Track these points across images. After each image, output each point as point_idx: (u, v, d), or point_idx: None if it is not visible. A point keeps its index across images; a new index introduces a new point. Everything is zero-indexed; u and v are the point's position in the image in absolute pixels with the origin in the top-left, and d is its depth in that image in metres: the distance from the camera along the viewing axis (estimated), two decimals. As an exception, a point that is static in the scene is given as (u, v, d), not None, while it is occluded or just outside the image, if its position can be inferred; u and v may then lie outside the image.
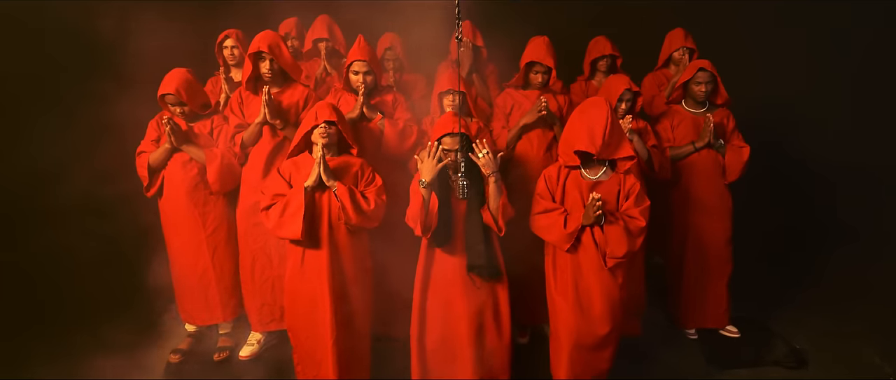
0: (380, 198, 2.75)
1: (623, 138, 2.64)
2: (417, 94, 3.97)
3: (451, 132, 2.62)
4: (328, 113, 2.67)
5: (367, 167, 2.80)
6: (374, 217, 2.74)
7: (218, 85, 3.89)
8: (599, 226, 2.60)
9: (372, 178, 2.79)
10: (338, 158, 2.76)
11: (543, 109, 3.05)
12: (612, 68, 4.05)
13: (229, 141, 3.11)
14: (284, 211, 2.60)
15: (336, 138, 2.73)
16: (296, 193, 2.61)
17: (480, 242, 2.66)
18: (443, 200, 2.67)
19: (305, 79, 3.99)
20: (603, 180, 2.68)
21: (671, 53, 4.03)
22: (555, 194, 2.74)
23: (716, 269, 3.48)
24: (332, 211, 2.68)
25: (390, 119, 3.09)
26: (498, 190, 2.60)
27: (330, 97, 3.18)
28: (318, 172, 2.59)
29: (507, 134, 3.20)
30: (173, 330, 3.60)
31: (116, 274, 3.76)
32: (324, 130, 2.65)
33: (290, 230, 2.59)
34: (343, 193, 2.63)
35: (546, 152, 3.21)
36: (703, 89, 3.32)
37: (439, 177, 2.68)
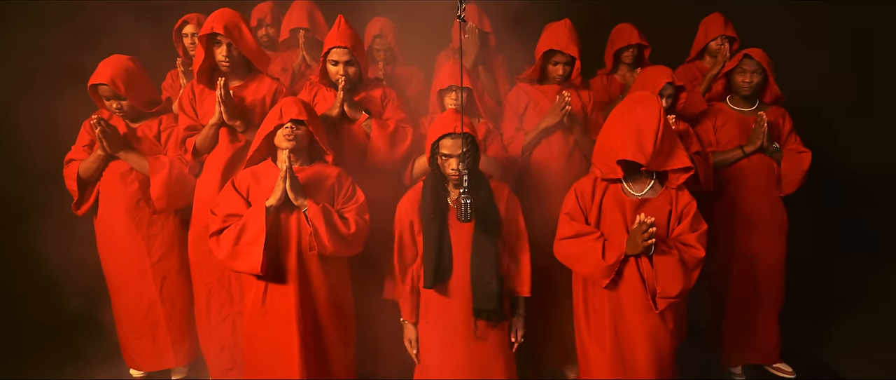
0: (362, 218, 2.17)
1: (676, 145, 2.07)
2: (413, 90, 3.38)
3: (453, 133, 2.04)
4: (296, 110, 2.08)
5: (345, 179, 2.22)
6: (356, 242, 2.16)
7: (178, 81, 3.29)
8: (648, 256, 2.02)
9: (352, 192, 2.21)
10: (309, 168, 2.18)
11: (567, 107, 2.47)
12: (638, 60, 3.50)
13: (179, 147, 2.52)
14: (240, 237, 2.01)
15: (306, 142, 2.14)
16: (255, 214, 2.02)
17: (493, 280, 2.08)
18: (437, 223, 2.10)
19: (282, 73, 3.41)
20: (650, 198, 2.10)
21: (707, 43, 3.47)
22: (588, 215, 2.16)
23: (766, 296, 2.91)
24: (303, 236, 2.09)
25: (378, 119, 2.50)
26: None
27: (304, 92, 2.59)
28: (284, 187, 2.01)
29: (522, 137, 2.61)
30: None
31: (45, 306, 3.13)
32: (290, 132, 2.06)
33: (247, 262, 2.00)
34: (316, 214, 2.04)
35: (567, 159, 2.63)
36: (748, 80, 2.76)
37: (433, 193, 2.11)
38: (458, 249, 2.15)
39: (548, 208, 2.59)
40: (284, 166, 2.00)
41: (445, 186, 2.17)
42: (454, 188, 2.17)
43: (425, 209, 2.15)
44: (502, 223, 2.19)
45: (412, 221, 2.20)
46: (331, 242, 2.06)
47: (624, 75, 3.52)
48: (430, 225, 2.13)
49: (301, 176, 2.11)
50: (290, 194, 2.02)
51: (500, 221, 2.18)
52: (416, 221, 2.19)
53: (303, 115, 2.09)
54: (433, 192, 2.14)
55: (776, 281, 2.90)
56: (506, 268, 2.21)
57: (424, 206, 2.16)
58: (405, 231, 2.21)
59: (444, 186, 2.16)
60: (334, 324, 2.23)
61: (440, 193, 2.14)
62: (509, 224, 2.23)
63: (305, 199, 2.05)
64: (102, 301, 2.70)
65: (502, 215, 2.19)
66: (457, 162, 2.05)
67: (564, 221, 2.16)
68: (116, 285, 2.64)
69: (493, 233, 2.13)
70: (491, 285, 2.09)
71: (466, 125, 2.03)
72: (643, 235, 1.92)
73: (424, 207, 2.16)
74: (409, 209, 2.21)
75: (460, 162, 2.03)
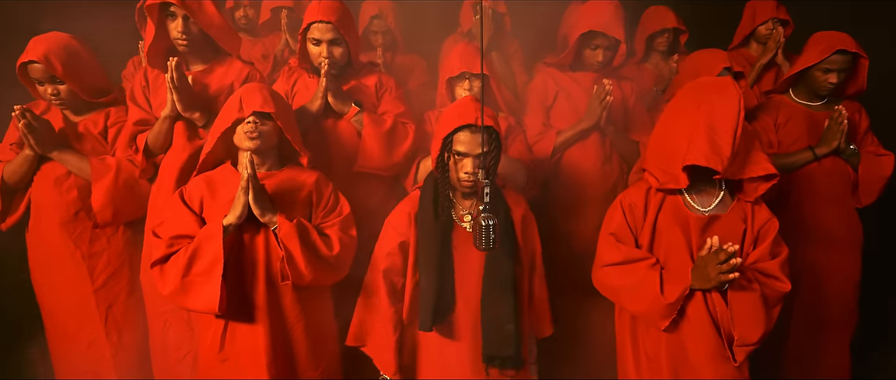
0: (347, 234, 1.71)
1: (753, 146, 1.60)
2: (414, 82, 2.91)
3: (473, 125, 1.57)
4: (260, 100, 1.62)
5: (325, 185, 1.76)
6: (340, 265, 1.71)
7: (142, 68, 2.82)
8: (721, 292, 1.56)
9: (334, 202, 1.75)
10: (278, 174, 1.71)
11: (608, 98, 1.99)
12: (673, 47, 3.02)
13: (129, 146, 2.05)
14: (190, 266, 1.54)
15: (274, 141, 1.69)
16: (209, 236, 1.55)
17: (510, 319, 1.62)
18: (438, 244, 1.64)
19: (262, 61, 2.94)
20: (720, 214, 1.63)
21: (755, 28, 2.98)
22: (639, 235, 1.69)
23: (836, 321, 2.43)
24: (273, 262, 1.63)
25: (372, 113, 2.03)
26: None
27: (281, 80, 2.11)
28: (245, 199, 1.54)
29: (553, 136, 2.13)
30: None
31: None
32: (253, 128, 1.60)
33: (201, 299, 1.54)
34: (288, 232, 1.57)
35: (605, 165, 2.16)
36: (834, 81, 2.26)
37: (434, 204, 1.65)
38: (465, 278, 1.68)
39: (579, 224, 2.13)
40: (246, 173, 1.53)
41: (450, 194, 1.70)
42: (462, 198, 1.70)
43: (423, 225, 1.68)
44: (520, 247, 1.72)
45: (406, 241, 1.72)
46: (309, 267, 1.60)
47: (657, 64, 3.05)
48: (428, 247, 1.66)
49: (268, 184, 1.65)
50: (253, 209, 1.55)
51: (517, 244, 1.71)
52: (411, 241, 1.71)
53: (269, 106, 1.62)
54: (434, 202, 1.67)
55: (849, 303, 2.44)
56: (525, 303, 1.75)
57: (422, 221, 1.69)
58: (395, 255, 1.73)
59: (448, 194, 1.69)
60: (314, 367, 1.76)
61: (443, 203, 1.67)
62: (527, 247, 1.76)
63: (274, 214, 1.59)
64: (35, 335, 2.23)
65: (520, 236, 1.72)
66: (473, 164, 1.58)
67: (608, 243, 1.69)
68: (51, 314, 2.17)
69: (510, 259, 1.67)
70: (507, 326, 1.63)
71: (489, 116, 1.57)
72: (719, 267, 1.45)
73: (422, 223, 1.69)
74: (404, 226, 1.73)
75: (479, 165, 1.56)
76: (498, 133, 1.61)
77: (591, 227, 2.14)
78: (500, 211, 1.66)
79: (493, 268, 1.66)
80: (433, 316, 1.64)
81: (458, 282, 1.69)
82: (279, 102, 1.68)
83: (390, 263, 1.73)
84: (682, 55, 2.87)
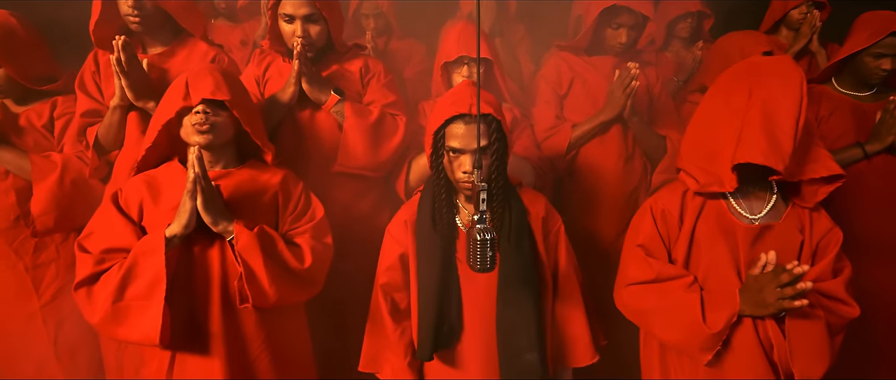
0: (321, 242, 1.45)
1: (813, 141, 1.31)
2: (411, 69, 2.63)
3: (467, 116, 1.29)
4: (210, 85, 1.34)
5: (294, 185, 1.49)
6: (312, 279, 1.44)
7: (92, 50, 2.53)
8: (777, 319, 1.27)
9: (305, 205, 1.48)
10: (237, 173, 1.44)
11: (634, 83, 1.71)
12: (697, 33, 2.74)
13: (78, 140, 1.78)
14: (125, 288, 1.27)
15: (230, 135, 1.41)
16: (148, 250, 1.27)
17: (531, 347, 1.34)
18: (439, 258, 1.37)
19: (242, 47, 2.66)
20: (773, 223, 1.34)
21: (787, 12, 2.68)
22: (672, 247, 1.40)
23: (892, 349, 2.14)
24: (230, 280, 1.35)
25: (356, 103, 1.74)
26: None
27: (252, 64, 1.83)
28: (192, 205, 1.26)
29: (568, 130, 1.85)
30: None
31: None
32: (202, 120, 1.33)
33: (138, 328, 1.26)
34: (248, 244, 1.30)
35: (626, 164, 1.87)
36: (888, 67, 1.96)
37: (434, 212, 1.38)
38: (473, 298, 1.41)
39: (596, 232, 1.85)
40: (192, 172, 1.25)
41: (453, 199, 1.43)
42: (468, 202, 1.43)
43: (421, 235, 1.41)
44: (543, 256, 1.44)
45: (406, 253, 1.45)
46: (274, 285, 1.32)
47: (677, 52, 2.76)
48: (427, 260, 1.39)
49: (224, 186, 1.37)
50: (203, 216, 1.28)
51: (537, 254, 1.43)
52: (410, 253, 1.44)
53: (222, 92, 1.34)
54: (433, 209, 1.39)
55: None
56: (550, 326, 1.46)
57: (420, 230, 1.42)
58: (395, 270, 1.46)
59: (450, 199, 1.41)
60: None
61: (445, 211, 1.39)
62: (550, 256, 1.48)
63: (230, 221, 1.31)
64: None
65: (541, 244, 1.44)
66: (472, 162, 1.30)
67: (635, 256, 1.40)
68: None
69: (529, 273, 1.39)
70: (528, 356, 1.35)
71: (489, 104, 1.29)
72: (781, 292, 1.17)
73: (420, 232, 1.42)
74: (401, 235, 1.46)
75: (477, 162, 1.28)
76: (500, 123, 1.32)
77: (609, 234, 1.86)
78: (509, 215, 1.38)
79: (509, 285, 1.38)
80: (433, 342, 1.37)
81: (465, 302, 1.41)
82: (235, 87, 1.40)
83: (390, 278, 1.46)
84: (706, 43, 2.59)
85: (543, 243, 1.44)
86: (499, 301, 1.38)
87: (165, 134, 1.38)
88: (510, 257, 1.36)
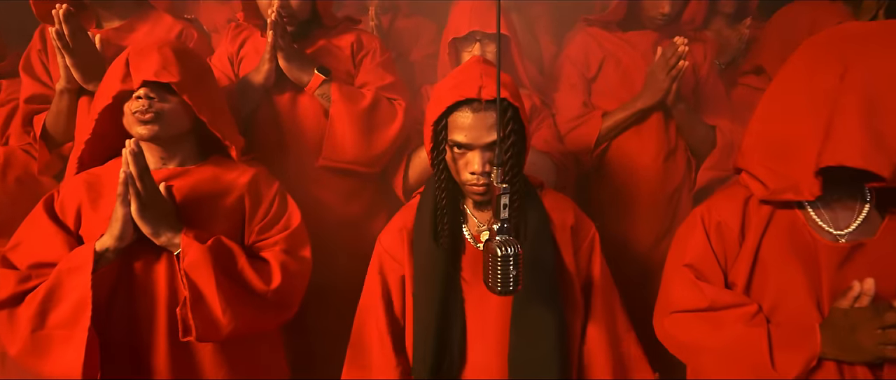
0: (296, 257, 1.20)
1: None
2: (419, 52, 2.35)
3: (475, 101, 1.01)
4: (155, 63, 1.10)
5: (266, 186, 1.24)
6: (283, 302, 1.19)
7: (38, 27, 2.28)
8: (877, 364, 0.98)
9: (279, 211, 1.23)
10: (196, 171, 1.19)
11: (683, 63, 1.41)
12: (743, 9, 2.40)
13: (24, 131, 1.54)
14: (45, 313, 1.02)
15: (185, 125, 1.16)
16: (74, 267, 1.02)
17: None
18: (440, 274, 1.10)
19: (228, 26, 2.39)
20: (865, 240, 1.04)
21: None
22: (729, 268, 1.11)
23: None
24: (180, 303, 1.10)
25: (345, 85, 1.47)
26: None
27: (226, 40, 1.56)
28: (125, 213, 1.01)
29: (598, 119, 1.56)
30: None
31: None
32: (145, 107, 1.07)
33: (60, 363, 1.02)
34: (196, 260, 1.04)
35: (667, 161, 1.58)
36: None
37: (434, 219, 1.11)
38: (481, 324, 1.14)
39: (630, 242, 1.57)
40: (123, 173, 1.00)
41: (459, 204, 1.16)
42: (477, 208, 1.16)
43: (419, 248, 1.15)
44: (572, 273, 1.17)
45: (401, 269, 1.19)
46: (229, 312, 1.06)
47: (719, 31, 2.43)
48: (424, 278, 1.13)
49: (178, 187, 1.12)
50: (140, 225, 1.03)
51: (565, 272, 1.16)
52: (407, 269, 1.17)
53: (169, 73, 1.09)
54: (434, 217, 1.13)
55: None
56: (576, 357, 1.19)
57: (418, 241, 1.15)
58: (393, 286, 1.19)
59: (455, 205, 1.15)
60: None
61: (448, 219, 1.12)
62: (582, 272, 1.20)
63: (177, 232, 1.06)
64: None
65: (570, 258, 1.17)
66: (482, 160, 1.03)
67: (683, 279, 1.12)
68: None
69: (551, 296, 1.12)
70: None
71: (505, 86, 1.01)
72: (884, 335, 0.89)
73: (418, 244, 1.15)
74: (396, 247, 1.19)
75: (492, 160, 1.02)
76: (518, 110, 1.04)
77: (644, 244, 1.57)
78: (528, 224, 1.11)
79: (526, 311, 1.11)
80: (430, 369, 1.11)
81: (471, 331, 1.14)
82: (189, 67, 1.14)
83: (386, 299, 1.20)
84: (755, 20, 2.26)
85: (574, 257, 1.17)
86: (513, 332, 1.11)
87: (112, 123, 1.13)
88: (527, 277, 1.09)
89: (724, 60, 2.28)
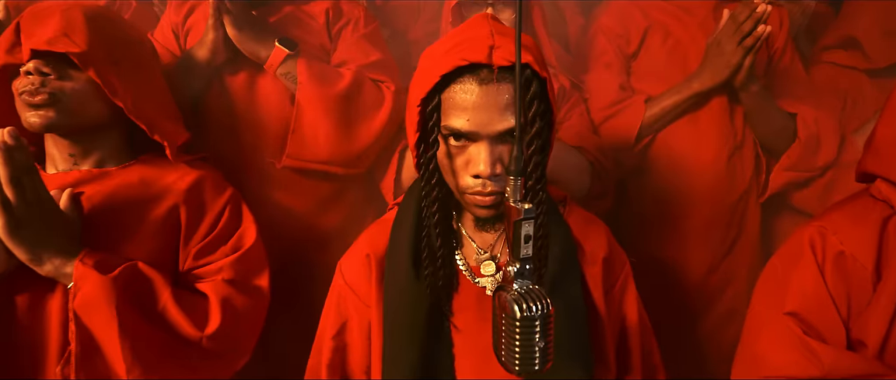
0: (245, 289, 0.90)
1: None
2: (419, 30, 2.01)
3: (485, 67, 0.69)
4: (51, 28, 0.81)
5: (214, 193, 0.94)
6: (221, 350, 0.87)
7: None
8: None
9: (228, 226, 0.93)
10: (121, 173, 0.91)
11: (765, 28, 1.06)
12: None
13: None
14: None
15: (98, 112, 0.86)
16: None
17: None
18: (419, 324, 0.79)
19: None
20: None
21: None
22: (855, 318, 0.77)
23: None
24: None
25: (315, 60, 1.13)
26: None
27: (169, 9, 1.23)
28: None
29: (640, 106, 1.21)
30: None
31: None
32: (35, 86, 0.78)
33: None
34: (93, 296, 0.73)
35: (732, 159, 1.22)
36: None
37: (414, 238, 0.78)
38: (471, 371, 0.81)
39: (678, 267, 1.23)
40: (6, 172, 0.70)
41: (452, 221, 0.83)
42: (478, 227, 0.83)
43: (392, 283, 0.81)
44: (602, 322, 0.84)
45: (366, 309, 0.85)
46: (139, 366, 0.76)
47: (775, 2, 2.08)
48: (402, 327, 0.80)
49: (92, 194, 0.84)
50: (13, 249, 0.72)
51: (596, 318, 0.83)
52: (375, 310, 0.84)
53: (70, 42, 0.80)
54: (415, 239, 0.80)
55: None
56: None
57: (391, 273, 0.82)
58: (355, 335, 0.86)
59: (447, 221, 0.82)
60: None
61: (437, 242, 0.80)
62: (613, 317, 0.87)
63: (68, 257, 0.76)
64: None
65: (600, 300, 0.83)
66: (491, 156, 0.71)
67: (784, 332, 0.78)
68: None
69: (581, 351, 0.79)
70: None
71: (528, 49, 0.69)
72: None
73: (391, 277, 0.82)
74: (361, 281, 0.85)
75: (498, 157, 0.70)
76: (545, 83, 0.71)
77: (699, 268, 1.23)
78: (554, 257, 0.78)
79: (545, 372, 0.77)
80: None
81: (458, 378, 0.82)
82: (105, 35, 0.86)
83: (337, 347, 0.87)
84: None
85: (605, 299, 0.84)
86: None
87: (7, 107, 0.83)
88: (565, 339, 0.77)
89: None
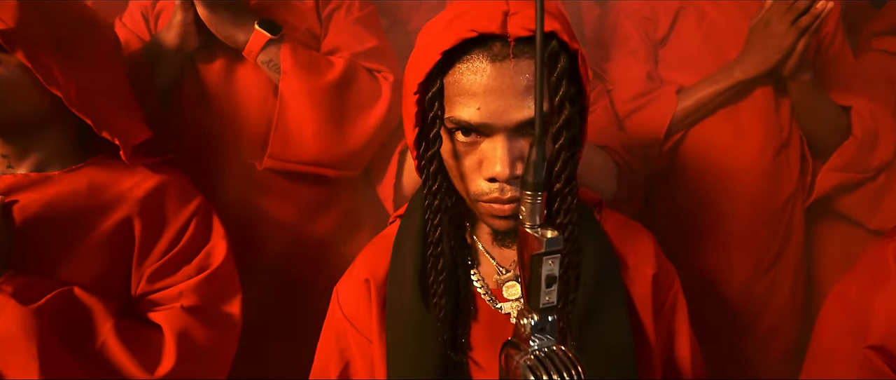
0: (210, 319, 0.78)
1: None
2: (421, 19, 1.87)
3: (500, 39, 0.55)
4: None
5: (177, 203, 0.80)
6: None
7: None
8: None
9: (193, 241, 0.79)
10: (66, 178, 0.78)
11: (826, 5, 0.92)
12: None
13: None
14: None
15: (37, 105, 0.74)
16: None
17: None
18: (431, 358, 0.64)
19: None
20: None
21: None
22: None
23: None
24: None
25: (300, 47, 0.99)
26: None
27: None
28: None
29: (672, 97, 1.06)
30: None
31: None
32: None
33: None
34: (12, 333, 0.60)
35: (778, 157, 1.08)
36: None
37: (418, 256, 0.65)
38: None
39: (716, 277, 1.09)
40: None
41: (465, 234, 0.69)
42: (496, 242, 0.69)
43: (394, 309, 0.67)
44: (650, 352, 0.69)
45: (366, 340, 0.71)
46: None
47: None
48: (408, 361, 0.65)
49: (28, 202, 0.73)
50: None
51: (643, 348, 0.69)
52: (376, 341, 0.70)
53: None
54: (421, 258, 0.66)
55: None
56: None
57: (393, 299, 0.68)
58: (358, 368, 0.72)
59: (459, 234, 0.68)
60: None
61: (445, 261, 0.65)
62: (661, 341, 0.72)
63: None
64: None
65: (649, 323, 0.69)
66: (510, 154, 0.56)
67: (863, 366, 0.64)
68: None
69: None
70: None
71: (552, 15, 0.55)
72: None
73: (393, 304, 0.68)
74: (361, 308, 0.71)
75: (518, 155, 0.56)
76: (576, 57, 0.58)
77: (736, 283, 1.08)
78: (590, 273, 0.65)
79: None
80: None
81: None
82: (41, 12, 0.72)
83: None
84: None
85: (653, 324, 0.69)
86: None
87: None
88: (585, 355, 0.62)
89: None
